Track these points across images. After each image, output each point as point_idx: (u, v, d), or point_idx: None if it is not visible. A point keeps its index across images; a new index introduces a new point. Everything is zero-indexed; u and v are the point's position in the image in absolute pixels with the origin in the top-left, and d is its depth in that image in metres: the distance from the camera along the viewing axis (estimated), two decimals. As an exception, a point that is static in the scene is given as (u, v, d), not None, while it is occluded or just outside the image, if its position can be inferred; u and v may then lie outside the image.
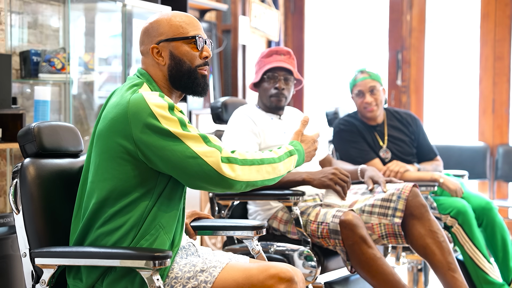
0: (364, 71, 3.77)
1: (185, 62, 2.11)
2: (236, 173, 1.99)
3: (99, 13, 4.24)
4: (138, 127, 1.96)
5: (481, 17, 5.48)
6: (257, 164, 2.06)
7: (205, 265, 2.02)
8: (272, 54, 3.24)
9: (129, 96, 2.00)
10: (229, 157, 1.99)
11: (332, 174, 2.94)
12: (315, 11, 6.23)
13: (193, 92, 2.15)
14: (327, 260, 2.99)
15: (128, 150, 1.98)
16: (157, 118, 1.95)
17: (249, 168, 2.03)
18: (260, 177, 2.06)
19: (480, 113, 5.50)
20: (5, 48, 3.48)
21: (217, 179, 1.96)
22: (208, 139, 1.99)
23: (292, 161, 2.20)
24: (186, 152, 1.95)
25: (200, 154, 1.95)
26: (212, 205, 3.18)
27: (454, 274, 2.97)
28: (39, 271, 2.06)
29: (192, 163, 1.95)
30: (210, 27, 5.31)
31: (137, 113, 1.96)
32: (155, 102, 1.97)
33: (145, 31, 2.15)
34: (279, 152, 2.17)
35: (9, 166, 3.52)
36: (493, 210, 3.60)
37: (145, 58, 2.15)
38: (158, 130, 1.95)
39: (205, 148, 1.97)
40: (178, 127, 1.97)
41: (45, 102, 3.32)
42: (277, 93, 3.22)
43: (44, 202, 2.12)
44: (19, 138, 2.18)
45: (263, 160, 2.08)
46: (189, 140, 1.97)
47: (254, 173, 2.04)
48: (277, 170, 2.13)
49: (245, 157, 2.04)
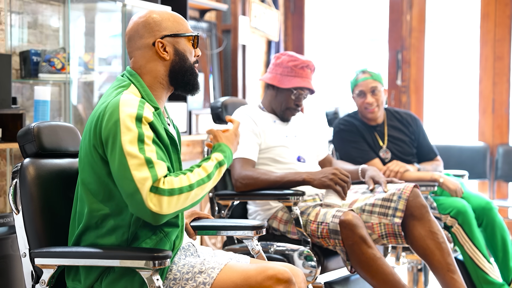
0: (366, 71, 3.77)
1: (188, 59, 2.13)
2: (161, 207, 1.91)
3: (99, 13, 4.24)
4: (106, 131, 1.95)
5: (481, 17, 5.48)
6: (186, 192, 1.96)
7: (203, 266, 2.02)
8: (304, 67, 3.18)
9: (111, 99, 2.00)
10: (158, 188, 1.91)
11: (333, 174, 2.94)
12: (315, 11, 6.22)
13: (192, 89, 2.15)
14: (327, 260, 2.99)
15: (101, 154, 1.99)
16: (120, 127, 1.93)
17: (176, 199, 1.94)
18: (187, 204, 1.99)
19: (480, 113, 5.50)
20: (5, 48, 3.48)
21: (141, 209, 1.91)
22: (152, 164, 1.93)
23: (222, 170, 2.12)
24: (125, 172, 1.91)
25: (135, 179, 1.90)
26: (212, 205, 3.18)
27: (453, 275, 2.97)
28: (39, 271, 2.07)
29: (127, 185, 1.91)
30: (210, 27, 5.31)
31: (108, 118, 1.96)
32: (126, 111, 1.95)
33: (143, 24, 2.11)
34: (208, 169, 2.06)
35: (9, 166, 3.52)
36: (493, 210, 3.60)
37: (143, 52, 2.11)
38: (114, 139, 1.94)
39: (143, 173, 1.91)
40: (133, 142, 1.93)
41: (45, 102, 3.32)
42: (295, 109, 3.23)
43: (43, 202, 2.12)
44: (19, 138, 2.18)
45: (192, 186, 1.98)
46: (133, 159, 1.91)
47: (181, 202, 1.96)
48: (207, 188, 2.04)
49: (173, 187, 1.94)
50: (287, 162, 3.18)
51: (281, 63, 3.21)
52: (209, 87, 5.26)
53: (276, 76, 3.21)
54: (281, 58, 3.22)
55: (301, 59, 3.19)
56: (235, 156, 3.08)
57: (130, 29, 2.13)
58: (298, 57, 3.20)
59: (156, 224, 1.95)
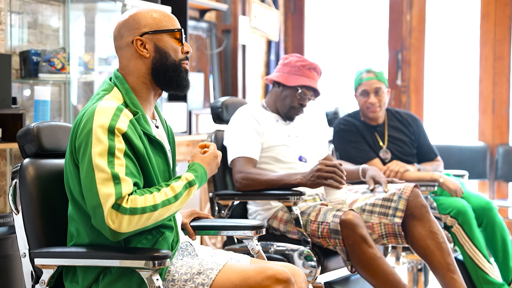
0: (370, 70, 3.76)
1: (170, 55, 2.08)
2: (120, 225, 1.89)
3: (99, 13, 4.24)
4: (79, 139, 1.95)
5: (481, 17, 5.48)
6: (148, 212, 1.92)
7: (202, 267, 2.02)
8: (311, 69, 3.21)
9: (90, 105, 2.00)
10: (120, 207, 1.89)
11: (317, 171, 2.91)
12: (315, 11, 6.22)
13: (177, 87, 2.10)
14: (327, 260, 2.99)
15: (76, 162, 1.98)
16: (92, 137, 1.92)
17: (138, 218, 1.90)
18: (150, 222, 1.95)
19: (480, 113, 5.50)
20: (5, 48, 3.48)
21: (103, 224, 1.89)
22: (118, 180, 1.90)
23: (192, 191, 2.06)
24: (91, 184, 1.90)
25: (100, 193, 1.89)
26: (212, 205, 3.19)
27: (453, 275, 2.97)
28: (38, 271, 2.06)
29: (91, 197, 1.90)
30: (210, 27, 5.31)
31: (83, 127, 1.95)
32: (99, 120, 1.93)
33: (123, 24, 2.09)
34: (177, 189, 2.00)
35: (9, 166, 3.52)
36: (493, 210, 3.60)
37: (124, 52, 2.09)
38: (84, 149, 1.93)
39: (108, 189, 1.88)
40: (103, 155, 1.91)
41: (45, 102, 3.31)
42: (300, 108, 3.23)
43: (43, 202, 2.11)
44: (19, 138, 2.18)
45: (156, 206, 1.93)
46: (100, 173, 1.90)
47: (142, 221, 1.92)
48: (172, 208, 2.00)
49: (136, 206, 1.90)
50: (289, 162, 3.18)
51: (289, 63, 3.24)
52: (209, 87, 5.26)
53: (283, 74, 3.24)
54: (289, 58, 3.26)
55: (309, 61, 3.23)
56: (238, 154, 3.09)
57: (114, 30, 2.12)
58: (306, 59, 3.25)
59: (114, 240, 1.92)
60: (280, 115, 3.29)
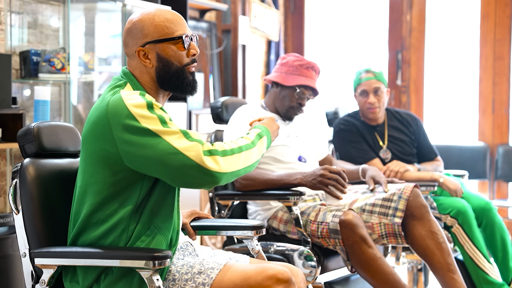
0: (369, 70, 3.76)
1: (173, 63, 2.07)
2: (219, 165, 1.94)
3: (99, 13, 4.24)
4: (118, 128, 1.93)
5: (481, 17, 5.48)
6: (237, 153, 2.02)
7: (202, 266, 2.02)
8: (309, 68, 3.21)
9: (109, 98, 1.98)
10: (211, 150, 1.95)
11: (320, 176, 2.91)
12: (315, 11, 6.23)
13: (183, 92, 2.11)
14: (327, 260, 2.99)
15: (111, 153, 1.96)
16: (136, 118, 1.92)
17: (230, 158, 1.99)
18: (241, 166, 2.03)
19: (480, 113, 5.50)
20: (5, 48, 3.48)
21: (201, 173, 1.92)
22: (189, 135, 1.95)
23: (264, 143, 2.16)
24: (167, 149, 1.91)
25: (181, 150, 1.91)
26: (212, 205, 3.18)
27: (453, 275, 2.97)
28: (38, 271, 2.06)
29: (174, 159, 1.91)
30: (210, 27, 5.31)
31: (116, 114, 1.94)
32: (133, 103, 1.94)
33: (128, 31, 2.09)
34: (250, 137, 2.12)
35: (9, 166, 3.52)
36: (492, 211, 3.60)
37: (131, 60, 2.10)
38: (137, 130, 1.92)
39: (186, 143, 1.92)
40: (158, 125, 1.93)
41: (45, 102, 3.32)
42: (299, 108, 3.23)
43: (43, 202, 2.11)
44: (19, 138, 2.18)
45: (241, 148, 2.04)
46: (169, 136, 1.93)
47: (235, 162, 2.00)
48: (254, 155, 2.09)
49: (224, 148, 1.99)
50: (288, 162, 3.18)
51: (286, 63, 3.24)
52: (209, 87, 5.26)
53: (281, 74, 3.23)
54: (287, 58, 3.26)
55: (307, 60, 3.23)
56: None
57: (122, 36, 2.13)
58: (304, 58, 3.24)
59: (216, 185, 1.95)
60: (279, 115, 3.29)
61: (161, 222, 2.04)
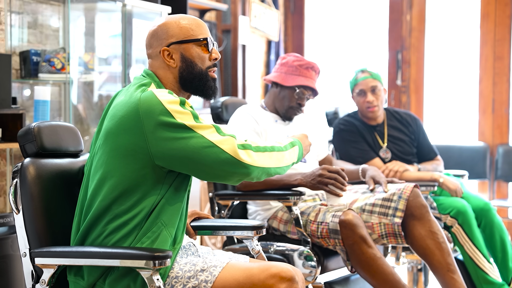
0: (365, 70, 3.77)
1: (196, 64, 2.13)
2: (252, 158, 2.02)
3: (99, 13, 4.24)
4: (151, 124, 1.96)
5: (481, 17, 5.48)
6: (269, 151, 2.10)
7: (205, 264, 2.02)
8: (308, 68, 3.20)
9: (139, 94, 2.01)
10: (244, 144, 2.02)
11: (319, 176, 2.91)
12: (315, 11, 6.23)
13: (203, 95, 2.17)
14: (327, 260, 2.99)
15: (139, 148, 1.98)
16: (171, 114, 1.97)
17: (262, 155, 2.06)
18: (273, 164, 2.10)
19: (480, 113, 5.50)
20: (5, 48, 3.48)
21: (234, 165, 1.98)
22: (220, 130, 2.02)
23: (295, 152, 2.25)
24: (201, 143, 1.97)
25: (216, 143, 1.97)
26: (212, 205, 3.19)
27: (453, 275, 2.97)
28: (39, 271, 2.07)
29: (209, 152, 1.97)
30: (210, 27, 5.31)
31: (150, 110, 1.97)
32: (167, 99, 1.99)
33: (153, 34, 2.15)
34: (282, 142, 2.22)
35: (9, 166, 3.53)
36: (492, 211, 3.60)
37: (154, 61, 2.15)
38: (173, 125, 1.97)
39: (220, 137, 1.99)
40: (192, 120, 2.00)
41: (45, 102, 3.32)
42: (298, 108, 3.23)
43: (44, 202, 2.12)
44: (19, 138, 2.18)
45: (273, 148, 2.13)
46: (203, 130, 1.99)
47: (267, 159, 2.08)
48: (285, 159, 2.17)
49: (257, 144, 2.07)
50: (287, 162, 3.18)
51: (286, 63, 3.24)
52: (209, 87, 5.26)
53: (280, 74, 3.23)
54: (287, 58, 3.25)
55: (306, 60, 3.22)
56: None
57: (145, 39, 2.18)
58: (303, 58, 3.24)
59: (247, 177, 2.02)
60: (279, 115, 3.29)
61: (169, 218, 2.05)
